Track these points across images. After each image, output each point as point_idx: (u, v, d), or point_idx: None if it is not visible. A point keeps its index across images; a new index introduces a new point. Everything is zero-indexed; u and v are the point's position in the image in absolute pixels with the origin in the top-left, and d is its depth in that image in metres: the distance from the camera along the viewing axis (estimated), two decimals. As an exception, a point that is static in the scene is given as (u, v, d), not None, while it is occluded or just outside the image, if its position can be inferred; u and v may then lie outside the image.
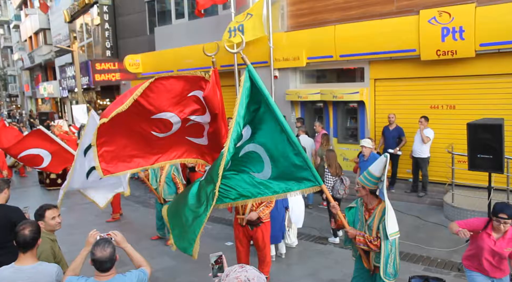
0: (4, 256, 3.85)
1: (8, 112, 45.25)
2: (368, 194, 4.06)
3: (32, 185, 13.07)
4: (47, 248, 3.81)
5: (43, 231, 3.90)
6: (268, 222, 5.61)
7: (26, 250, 3.28)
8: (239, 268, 2.09)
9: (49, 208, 4.00)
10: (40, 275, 3.25)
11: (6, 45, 51.69)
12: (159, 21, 15.40)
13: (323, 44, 10.06)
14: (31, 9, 33.05)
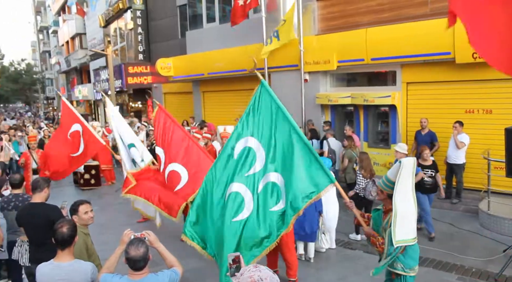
0: (43, 252, 4.00)
1: (45, 113, 46.95)
2: (386, 198, 4.07)
3: (67, 184, 13.46)
4: (80, 240, 3.95)
5: (77, 225, 4.05)
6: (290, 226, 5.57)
7: (64, 247, 3.39)
8: (253, 267, 2.12)
9: (82, 203, 4.18)
10: (77, 272, 3.35)
11: (45, 50, 53.74)
12: (191, 25, 15.63)
13: (354, 47, 9.95)
14: (69, 15, 34.23)
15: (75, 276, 3.34)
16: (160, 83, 18.82)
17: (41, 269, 3.41)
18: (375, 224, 4.23)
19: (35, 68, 65.39)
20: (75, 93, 32.16)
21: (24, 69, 62.64)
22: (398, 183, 3.73)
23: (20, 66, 63.32)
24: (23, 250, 5.04)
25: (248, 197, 4.21)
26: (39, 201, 4.72)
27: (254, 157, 4.27)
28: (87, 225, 4.22)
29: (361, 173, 7.20)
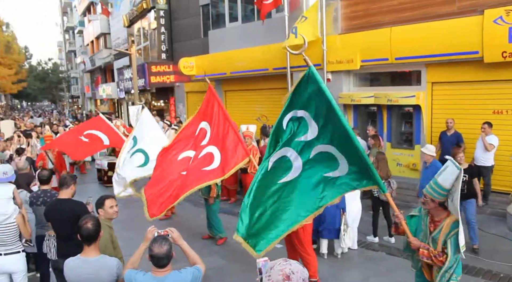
0: (70, 247, 4.08)
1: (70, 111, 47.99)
2: (437, 207, 3.77)
3: (91, 181, 13.73)
4: (106, 233, 4.06)
5: (102, 218, 4.14)
6: (307, 225, 5.54)
7: (91, 243, 3.47)
8: (283, 261, 2.13)
9: (108, 198, 4.33)
10: (103, 267, 3.42)
11: (71, 50, 54.95)
12: (213, 25, 15.72)
13: (378, 46, 9.82)
14: (94, 15, 34.89)
15: (102, 271, 3.40)
16: (182, 82, 18.99)
17: (69, 263, 3.49)
18: (411, 232, 3.96)
19: (61, 68, 66.97)
20: (99, 92, 32.74)
21: (50, 69, 64.28)
22: (456, 190, 3.52)
23: (47, 66, 65.04)
24: (50, 244, 5.16)
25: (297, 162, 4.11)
26: (66, 197, 4.83)
27: (306, 127, 4.10)
28: (112, 219, 4.35)
29: (378, 173, 7.09)
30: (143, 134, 7.45)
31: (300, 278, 2.05)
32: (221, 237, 7.59)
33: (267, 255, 3.27)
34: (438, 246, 3.74)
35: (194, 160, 5.95)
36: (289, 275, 2.03)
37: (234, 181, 10.15)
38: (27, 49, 50.04)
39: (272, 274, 2.06)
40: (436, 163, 7.03)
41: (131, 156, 7.23)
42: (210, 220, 7.64)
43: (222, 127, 5.95)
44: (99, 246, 3.85)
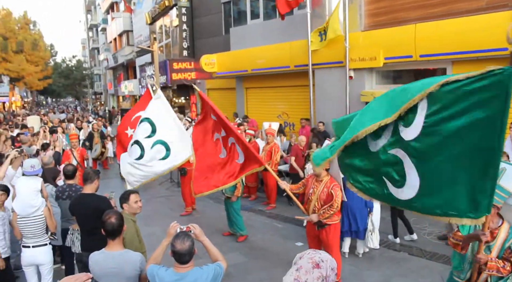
0: (94, 241, 4.16)
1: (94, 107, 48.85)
2: (495, 213, 3.50)
3: (114, 176, 13.95)
4: (131, 227, 4.12)
5: (126, 213, 4.20)
6: (335, 224, 5.51)
7: (115, 237, 3.52)
8: (313, 251, 2.16)
9: (133, 193, 4.39)
10: (127, 262, 3.46)
11: (94, 47, 55.92)
12: (235, 22, 15.72)
13: (402, 43, 9.64)
14: (117, 13, 35.41)
15: (125, 265, 3.45)
16: (203, 79, 19.09)
17: (94, 257, 3.55)
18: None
19: (84, 65, 68.17)
20: (121, 89, 33.22)
21: (74, 66, 65.49)
22: None
23: (71, 63, 66.29)
24: (74, 237, 5.27)
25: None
26: (90, 191, 4.91)
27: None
28: (136, 213, 4.40)
29: None
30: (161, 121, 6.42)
31: (329, 267, 2.07)
32: (242, 235, 7.61)
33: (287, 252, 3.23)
34: (491, 254, 3.49)
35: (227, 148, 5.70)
36: (318, 263, 2.05)
37: (255, 178, 10.17)
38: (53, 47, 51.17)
39: (302, 262, 2.08)
40: None
41: (152, 147, 6.30)
42: (232, 217, 7.65)
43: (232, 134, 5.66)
44: (125, 240, 3.91)
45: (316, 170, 4.69)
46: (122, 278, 3.45)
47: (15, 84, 41.35)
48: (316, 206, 5.35)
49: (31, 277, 5.18)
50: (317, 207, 5.34)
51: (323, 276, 2.04)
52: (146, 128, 6.32)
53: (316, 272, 2.04)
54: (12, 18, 37.33)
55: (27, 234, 5.03)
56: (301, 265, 2.07)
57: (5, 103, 47.49)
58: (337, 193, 5.28)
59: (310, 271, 2.04)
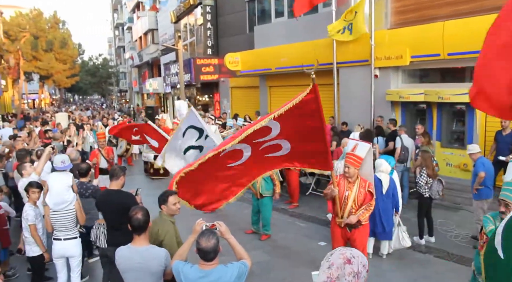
0: (119, 236, 4.23)
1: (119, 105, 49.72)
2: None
3: (138, 173, 14.18)
4: (170, 229, 4.09)
5: (165, 214, 4.17)
6: (366, 224, 5.45)
7: (141, 233, 3.56)
8: (343, 248, 2.13)
9: (172, 195, 4.20)
10: (152, 257, 3.51)
11: (120, 45, 56.85)
12: (259, 20, 15.73)
13: (429, 41, 9.45)
14: (143, 12, 35.91)
15: (150, 260, 3.50)
16: (227, 78, 19.17)
17: (120, 252, 3.61)
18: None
19: (110, 63, 69.47)
20: (146, 87, 33.67)
21: (101, 64, 66.82)
22: None
23: (97, 61, 67.65)
24: (99, 232, 5.36)
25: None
26: (116, 188, 4.99)
27: None
28: (174, 215, 4.25)
29: (426, 171, 6.87)
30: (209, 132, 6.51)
31: (360, 263, 2.03)
32: (266, 233, 7.61)
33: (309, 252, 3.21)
34: None
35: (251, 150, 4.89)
36: (350, 258, 2.02)
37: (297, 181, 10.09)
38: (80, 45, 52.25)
39: (333, 258, 2.05)
40: (482, 159, 6.92)
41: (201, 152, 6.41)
42: (265, 216, 7.57)
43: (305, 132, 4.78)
44: (164, 242, 3.94)
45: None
46: (147, 273, 3.50)
47: (44, 82, 42.49)
48: (353, 207, 5.25)
49: (61, 269, 5.32)
50: (354, 208, 5.25)
51: (354, 272, 2.00)
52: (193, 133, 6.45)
53: (348, 268, 2.00)
54: (43, 18, 38.36)
55: (59, 227, 5.16)
56: (332, 262, 2.04)
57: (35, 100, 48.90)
58: (373, 191, 5.25)
59: (342, 267, 2.01)
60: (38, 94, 46.93)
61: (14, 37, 34.72)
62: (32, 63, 35.77)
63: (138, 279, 3.53)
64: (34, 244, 5.28)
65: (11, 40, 34.67)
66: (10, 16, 37.03)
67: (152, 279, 3.54)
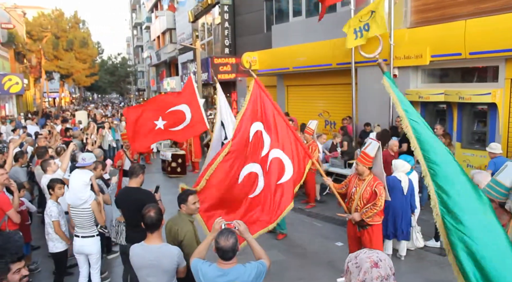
0: (138, 233, 4.27)
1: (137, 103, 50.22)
2: (497, 208, 3.40)
3: (156, 171, 14.31)
4: (190, 229, 4.10)
5: (184, 213, 4.18)
6: (377, 225, 5.40)
7: (153, 231, 3.59)
8: (369, 250, 2.06)
9: (191, 194, 4.22)
10: (164, 255, 3.53)
11: (138, 45, 57.53)
12: (276, 19, 15.70)
13: (450, 40, 9.28)
14: (161, 11, 36.23)
15: (163, 258, 3.53)
16: (244, 77, 19.20)
17: (134, 249, 3.66)
18: None
19: (129, 62, 70.27)
20: (164, 85, 33.98)
21: (119, 63, 67.65)
22: None
23: (116, 60, 68.51)
24: (119, 229, 5.42)
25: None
26: (135, 185, 5.04)
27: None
28: (193, 214, 4.26)
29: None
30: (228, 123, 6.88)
31: (387, 266, 1.97)
32: (282, 233, 7.61)
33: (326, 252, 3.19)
34: None
35: (264, 174, 5.15)
36: (377, 262, 1.95)
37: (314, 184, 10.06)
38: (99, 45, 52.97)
39: (360, 262, 1.98)
40: (497, 159, 6.77)
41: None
42: None
43: (279, 127, 5.33)
44: (184, 242, 3.95)
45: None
46: (159, 270, 3.53)
47: (65, 80, 43.27)
48: (358, 205, 5.28)
49: (82, 264, 5.43)
50: (359, 206, 5.27)
51: (381, 276, 1.93)
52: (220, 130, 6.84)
53: (375, 272, 1.93)
54: (64, 18, 39.11)
55: (77, 224, 5.25)
56: (358, 265, 1.97)
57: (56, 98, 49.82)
58: (381, 191, 5.19)
59: (369, 271, 1.93)
60: (59, 93, 47.77)
61: (37, 37, 35.44)
62: (53, 63, 36.48)
63: (151, 276, 3.57)
64: (57, 240, 5.36)
65: (34, 40, 35.40)
66: (33, 17, 37.82)
67: (164, 277, 3.57)
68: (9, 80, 24.10)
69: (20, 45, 32.14)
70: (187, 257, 3.88)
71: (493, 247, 2.84)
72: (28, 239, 6.26)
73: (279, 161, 5.28)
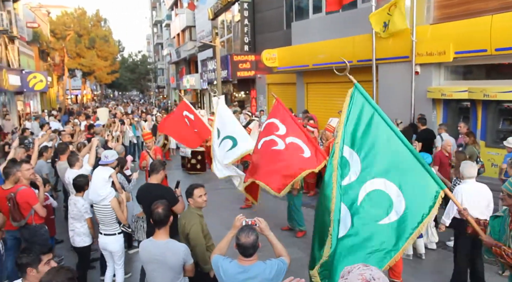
0: (158, 228, 4.32)
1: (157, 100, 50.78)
2: None
3: (175, 168, 14.44)
4: (197, 222, 4.17)
5: (192, 207, 4.25)
6: None
7: (160, 227, 3.64)
8: (363, 266, 1.95)
9: (197, 187, 4.33)
10: (170, 251, 3.57)
11: (158, 42, 58.11)
12: (296, 16, 15.61)
13: (475, 36, 9.06)
14: (181, 9, 36.47)
15: (168, 254, 3.56)
16: (264, 74, 19.18)
17: (143, 244, 3.74)
18: (494, 232, 3.73)
19: (149, 59, 71.04)
20: (183, 83, 34.24)
21: (140, 60, 68.45)
22: None
23: (136, 58, 69.36)
24: (138, 225, 5.49)
25: (344, 212, 3.56)
26: (155, 182, 5.10)
27: (348, 166, 3.68)
28: (201, 207, 4.37)
29: (453, 172, 6.62)
30: (223, 124, 7.80)
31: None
32: (301, 230, 7.59)
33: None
34: None
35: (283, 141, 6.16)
36: (369, 280, 1.84)
37: (313, 174, 10.04)
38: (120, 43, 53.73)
39: (350, 278, 1.89)
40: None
41: (220, 145, 7.62)
42: (292, 212, 7.64)
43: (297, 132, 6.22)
44: (190, 236, 4.00)
45: None
46: (165, 266, 3.57)
47: (87, 78, 44.06)
48: None
49: (108, 259, 5.54)
50: None
51: None
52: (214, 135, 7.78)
53: None
54: (86, 17, 39.83)
55: (99, 220, 5.33)
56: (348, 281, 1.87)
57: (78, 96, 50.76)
58: None
59: None
60: (81, 90, 48.66)
61: (60, 35, 36.18)
62: (75, 60, 37.22)
63: (156, 271, 3.62)
64: (84, 234, 5.44)
65: (57, 39, 36.14)
66: (57, 16, 38.62)
67: (170, 273, 3.59)
68: (34, 78, 24.68)
69: (44, 43, 32.87)
70: (193, 250, 4.00)
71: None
72: (53, 233, 6.40)
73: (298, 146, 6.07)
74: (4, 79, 20.58)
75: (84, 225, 5.41)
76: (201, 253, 4.13)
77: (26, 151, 7.89)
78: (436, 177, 3.50)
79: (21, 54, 26.33)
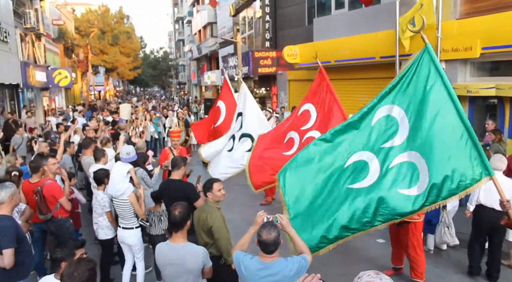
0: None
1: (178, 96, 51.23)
2: None
3: (196, 164, 14.48)
4: (218, 215, 4.19)
5: (211, 201, 4.28)
6: (416, 223, 5.22)
7: (177, 230, 3.53)
8: (374, 273, 1.91)
9: (216, 181, 4.39)
10: (188, 254, 3.49)
11: (180, 39, 58.50)
12: (318, 12, 15.48)
13: (504, 32, 8.79)
14: (202, 6, 36.64)
15: (187, 258, 3.48)
16: (285, 71, 19.10)
17: (159, 247, 3.65)
18: None
19: (170, 56, 71.65)
20: (204, 79, 34.41)
21: (161, 57, 69.14)
22: None
23: (158, 54, 70.09)
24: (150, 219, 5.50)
25: (373, 168, 3.82)
26: (177, 177, 5.15)
27: (396, 129, 3.82)
28: (219, 201, 4.41)
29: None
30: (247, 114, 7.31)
31: None
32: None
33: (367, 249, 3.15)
34: None
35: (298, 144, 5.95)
36: None
37: None
38: (142, 39, 54.37)
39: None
40: None
41: (240, 139, 7.19)
42: None
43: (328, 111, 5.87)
44: (214, 228, 4.01)
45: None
46: (183, 270, 3.48)
47: (110, 74, 44.78)
48: None
49: (127, 253, 5.60)
50: None
51: None
52: (239, 122, 7.26)
53: None
54: (109, 14, 40.45)
55: (118, 214, 5.40)
56: None
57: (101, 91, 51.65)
58: None
59: None
60: (104, 86, 49.49)
61: (84, 32, 36.85)
62: (99, 57, 37.85)
63: (175, 275, 3.52)
64: (107, 227, 5.54)
65: (81, 36, 36.82)
66: (81, 13, 39.33)
67: (189, 276, 3.51)
68: (59, 74, 25.25)
69: (69, 40, 33.52)
70: (217, 243, 4.06)
71: None
72: (78, 226, 6.53)
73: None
74: (31, 76, 21.13)
75: (105, 218, 5.52)
76: (225, 245, 4.14)
77: (52, 145, 8.07)
78: (486, 161, 3.53)
79: (47, 51, 26.95)
